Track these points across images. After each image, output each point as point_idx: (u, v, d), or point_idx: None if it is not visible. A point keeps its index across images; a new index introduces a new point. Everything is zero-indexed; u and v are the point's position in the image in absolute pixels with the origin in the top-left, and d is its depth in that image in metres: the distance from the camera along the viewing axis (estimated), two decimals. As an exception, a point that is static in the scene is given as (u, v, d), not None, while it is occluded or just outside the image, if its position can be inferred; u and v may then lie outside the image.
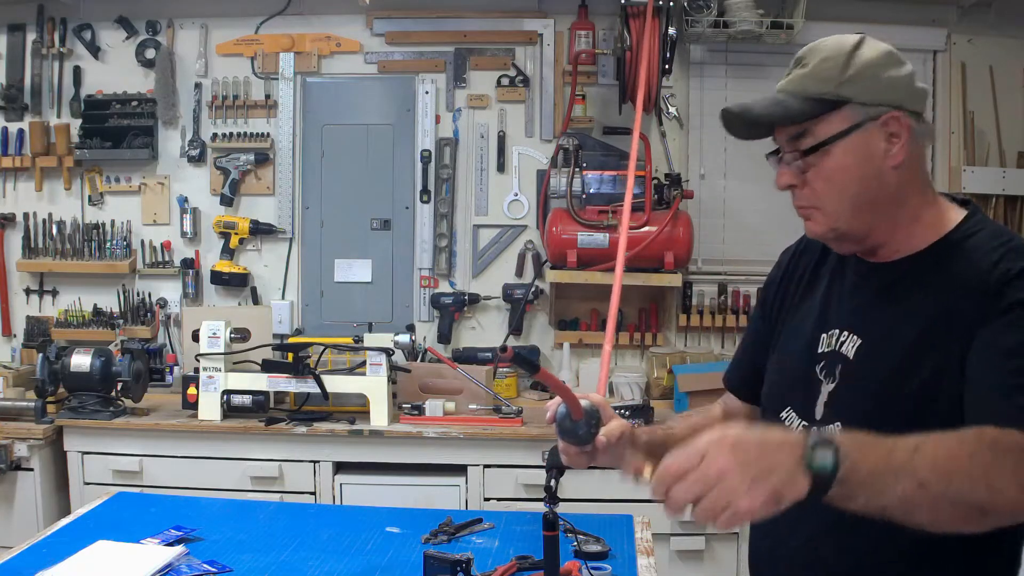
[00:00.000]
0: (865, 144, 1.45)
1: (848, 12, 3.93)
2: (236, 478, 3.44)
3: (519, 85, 4.02)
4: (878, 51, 1.47)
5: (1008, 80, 4.00)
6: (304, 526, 2.40)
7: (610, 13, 3.88)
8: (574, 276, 3.78)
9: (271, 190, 4.07)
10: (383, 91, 4.06)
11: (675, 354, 3.89)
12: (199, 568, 2.07)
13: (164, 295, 4.09)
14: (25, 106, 4.10)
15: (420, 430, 3.44)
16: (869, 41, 1.48)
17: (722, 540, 3.42)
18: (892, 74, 1.46)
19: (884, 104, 1.44)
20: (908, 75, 1.47)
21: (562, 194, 3.81)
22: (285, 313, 4.05)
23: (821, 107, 1.45)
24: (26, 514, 3.42)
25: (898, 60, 1.48)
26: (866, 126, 1.44)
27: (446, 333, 3.99)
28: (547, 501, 1.84)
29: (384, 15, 4.01)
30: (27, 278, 4.12)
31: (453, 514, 2.41)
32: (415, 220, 4.05)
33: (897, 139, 1.44)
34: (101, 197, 4.10)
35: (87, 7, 4.08)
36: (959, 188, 3.94)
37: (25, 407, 3.50)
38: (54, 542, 2.22)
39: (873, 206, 1.47)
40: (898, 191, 1.47)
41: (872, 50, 1.47)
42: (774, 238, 1.69)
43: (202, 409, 3.49)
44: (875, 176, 1.46)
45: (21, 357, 4.06)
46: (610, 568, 2.08)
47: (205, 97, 4.07)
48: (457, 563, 1.93)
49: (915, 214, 1.50)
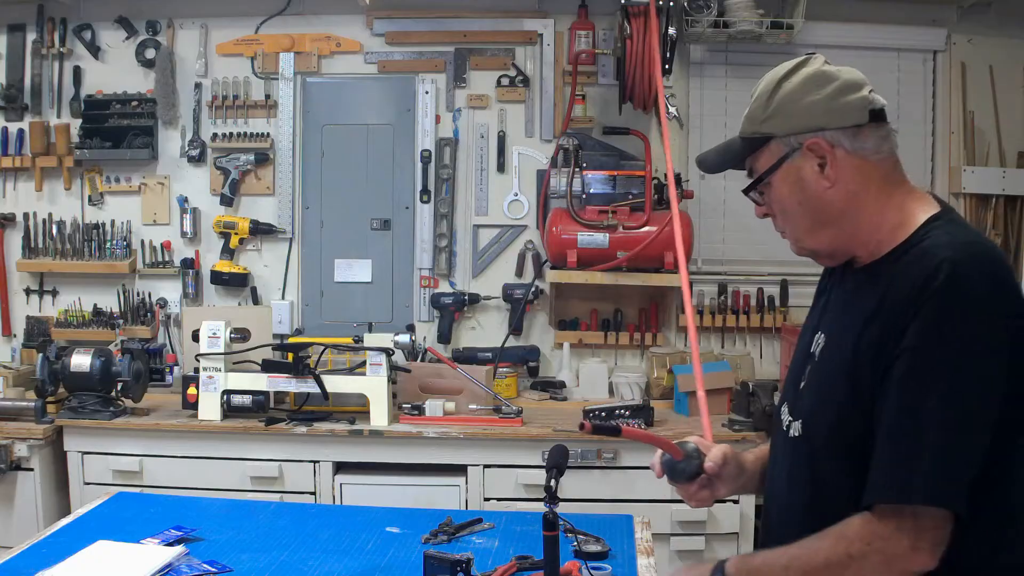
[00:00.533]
0: (797, 172, 1.52)
1: (848, 12, 3.93)
2: (236, 478, 3.44)
3: (519, 85, 4.02)
4: (801, 78, 1.52)
5: (1008, 80, 4.00)
6: (304, 526, 2.40)
7: (610, 13, 3.88)
8: (574, 276, 3.78)
9: (271, 190, 4.07)
10: (383, 91, 4.06)
11: (675, 354, 3.89)
12: (199, 568, 2.07)
13: (164, 295, 4.09)
14: (25, 106, 4.10)
15: (420, 430, 3.44)
16: (802, 69, 1.53)
17: (722, 540, 3.42)
18: (810, 100, 1.50)
19: (804, 132, 1.50)
20: (828, 95, 1.50)
21: (562, 194, 3.81)
22: (285, 313, 4.05)
23: (753, 146, 1.56)
24: (26, 514, 3.41)
25: (820, 82, 1.51)
26: (792, 156, 1.52)
27: (446, 333, 3.99)
28: (547, 501, 1.84)
29: (384, 15, 4.01)
30: (27, 278, 4.12)
31: (453, 514, 2.41)
32: (415, 220, 4.05)
33: (825, 161, 1.50)
34: (101, 197, 4.10)
35: (87, 7, 4.08)
36: (959, 188, 3.95)
37: (25, 407, 3.50)
38: (54, 542, 2.22)
39: (825, 225, 1.53)
40: (847, 205, 1.51)
41: (796, 79, 1.52)
42: (774, 238, 1.70)
43: (202, 409, 3.49)
44: (815, 199, 1.52)
45: (21, 357, 4.06)
46: (610, 568, 2.09)
47: (205, 97, 4.07)
48: (457, 563, 1.93)
49: (876, 221, 1.52)
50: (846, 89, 1.51)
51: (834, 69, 1.53)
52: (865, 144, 1.50)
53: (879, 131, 1.51)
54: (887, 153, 1.52)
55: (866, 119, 1.50)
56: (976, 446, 1.36)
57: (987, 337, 1.36)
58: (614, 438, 3.25)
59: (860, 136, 1.50)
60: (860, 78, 1.53)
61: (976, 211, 3.98)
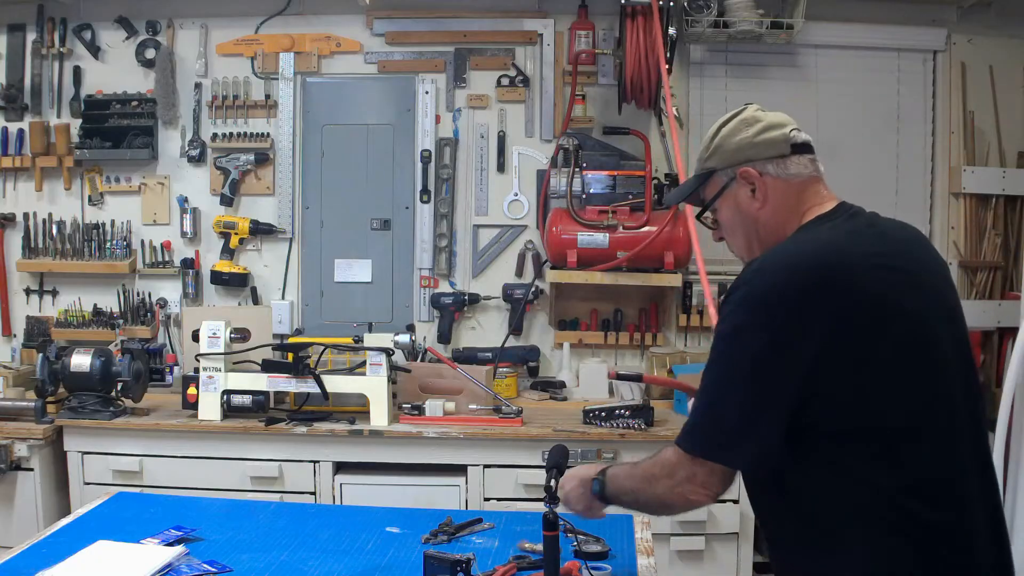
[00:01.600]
0: (735, 198, 1.81)
1: (848, 12, 3.94)
2: (236, 478, 3.44)
3: (519, 85, 4.02)
4: (734, 123, 1.81)
5: (1008, 80, 4.00)
6: (304, 526, 2.40)
7: (610, 13, 3.88)
8: (574, 276, 3.78)
9: (271, 190, 4.07)
10: (383, 91, 4.06)
11: (675, 354, 3.89)
12: (199, 568, 2.07)
13: (164, 295, 4.09)
14: (25, 106, 4.10)
15: (420, 430, 3.44)
16: (737, 116, 1.82)
17: (722, 540, 3.42)
18: (740, 139, 1.79)
19: (737, 164, 1.79)
20: (754, 133, 1.78)
21: (562, 194, 3.81)
22: (285, 313, 4.05)
23: (700, 180, 1.87)
24: (26, 514, 3.42)
25: (748, 124, 1.80)
26: (731, 185, 1.81)
27: (446, 333, 3.99)
28: (547, 501, 1.85)
29: (384, 15, 4.01)
30: (27, 278, 4.12)
31: (453, 514, 2.41)
32: (415, 220, 4.05)
33: (755, 186, 1.77)
34: (101, 197, 4.10)
35: (87, 7, 4.08)
36: (959, 188, 3.95)
37: (25, 407, 3.50)
38: (54, 542, 2.22)
39: (762, 242, 1.79)
40: (776, 223, 1.77)
41: (731, 124, 1.82)
42: (774, 238, 1.78)
43: (202, 409, 3.49)
44: (752, 220, 1.80)
45: (21, 357, 4.06)
46: (610, 568, 2.09)
47: (205, 97, 4.07)
48: (457, 563, 1.93)
49: (788, 230, 1.77)
50: (769, 128, 1.78)
51: (761, 114, 1.81)
52: (788, 170, 1.76)
53: (801, 160, 1.77)
54: (807, 176, 1.77)
55: (788, 151, 1.76)
56: (733, 406, 1.61)
57: (752, 324, 1.61)
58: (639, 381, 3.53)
59: (784, 164, 1.76)
60: (783, 120, 1.80)
61: (976, 211, 3.98)
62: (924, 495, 1.55)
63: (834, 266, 1.60)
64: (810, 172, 1.78)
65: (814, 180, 1.78)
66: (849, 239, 1.67)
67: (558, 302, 4.00)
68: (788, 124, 1.80)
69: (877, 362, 1.56)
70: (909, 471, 1.55)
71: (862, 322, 1.56)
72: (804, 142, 1.78)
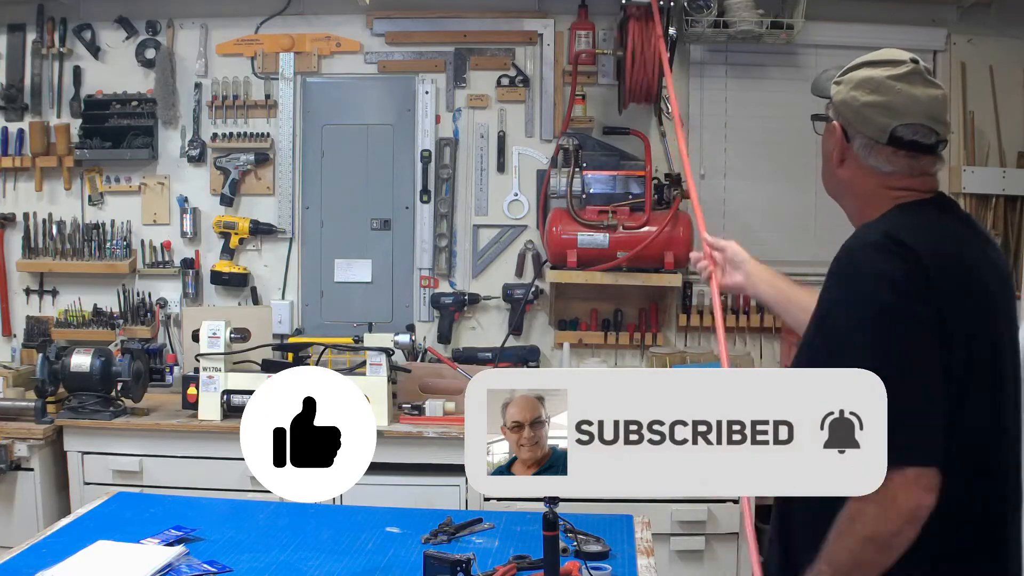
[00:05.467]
0: (831, 132, 1.72)
1: (848, 12, 3.93)
2: (236, 478, 3.43)
3: (519, 85, 4.02)
4: (863, 75, 1.66)
5: (1008, 80, 4.00)
6: (304, 526, 2.40)
7: (610, 13, 3.88)
8: (574, 276, 3.78)
9: (271, 190, 4.07)
10: (383, 91, 4.06)
11: (675, 354, 3.89)
12: (199, 568, 2.07)
13: (164, 295, 4.09)
14: (25, 106, 4.10)
15: (420, 430, 3.44)
16: (879, 68, 1.65)
17: (722, 540, 3.42)
18: (852, 94, 1.66)
19: (837, 113, 1.70)
20: (863, 104, 1.63)
21: (562, 194, 3.80)
22: (285, 313, 4.05)
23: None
24: (26, 514, 3.42)
25: (870, 88, 1.64)
26: (828, 123, 1.73)
27: (446, 333, 3.99)
28: (547, 501, 1.85)
29: (384, 15, 4.01)
30: (27, 278, 4.12)
31: (453, 514, 2.41)
32: (415, 220, 4.05)
33: (838, 146, 1.69)
34: (101, 197, 4.10)
35: (87, 7, 4.08)
36: (959, 188, 3.95)
37: (25, 407, 3.50)
38: (54, 542, 2.22)
39: (831, 181, 1.75)
40: (846, 187, 1.71)
41: (865, 72, 1.66)
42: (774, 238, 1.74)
43: (202, 409, 3.49)
44: (828, 161, 1.73)
45: (21, 357, 4.06)
46: (610, 568, 2.09)
47: (205, 97, 4.07)
48: (457, 563, 1.94)
49: (862, 215, 1.70)
50: (880, 109, 1.62)
51: (897, 87, 1.62)
52: (868, 158, 1.65)
53: (895, 156, 1.63)
54: (901, 174, 1.64)
55: (884, 140, 1.62)
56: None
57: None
58: None
59: (871, 150, 1.64)
60: (905, 107, 1.62)
61: (976, 211, 3.97)
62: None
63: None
64: (896, 171, 1.65)
65: (906, 179, 1.65)
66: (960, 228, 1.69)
67: (558, 302, 4.00)
68: (908, 114, 1.62)
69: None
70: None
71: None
72: (912, 140, 1.63)
